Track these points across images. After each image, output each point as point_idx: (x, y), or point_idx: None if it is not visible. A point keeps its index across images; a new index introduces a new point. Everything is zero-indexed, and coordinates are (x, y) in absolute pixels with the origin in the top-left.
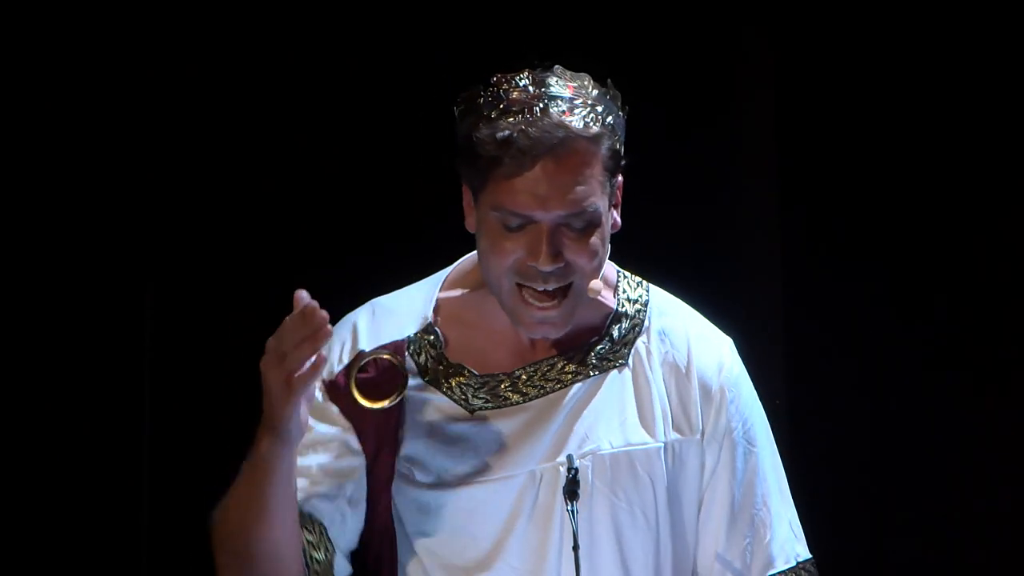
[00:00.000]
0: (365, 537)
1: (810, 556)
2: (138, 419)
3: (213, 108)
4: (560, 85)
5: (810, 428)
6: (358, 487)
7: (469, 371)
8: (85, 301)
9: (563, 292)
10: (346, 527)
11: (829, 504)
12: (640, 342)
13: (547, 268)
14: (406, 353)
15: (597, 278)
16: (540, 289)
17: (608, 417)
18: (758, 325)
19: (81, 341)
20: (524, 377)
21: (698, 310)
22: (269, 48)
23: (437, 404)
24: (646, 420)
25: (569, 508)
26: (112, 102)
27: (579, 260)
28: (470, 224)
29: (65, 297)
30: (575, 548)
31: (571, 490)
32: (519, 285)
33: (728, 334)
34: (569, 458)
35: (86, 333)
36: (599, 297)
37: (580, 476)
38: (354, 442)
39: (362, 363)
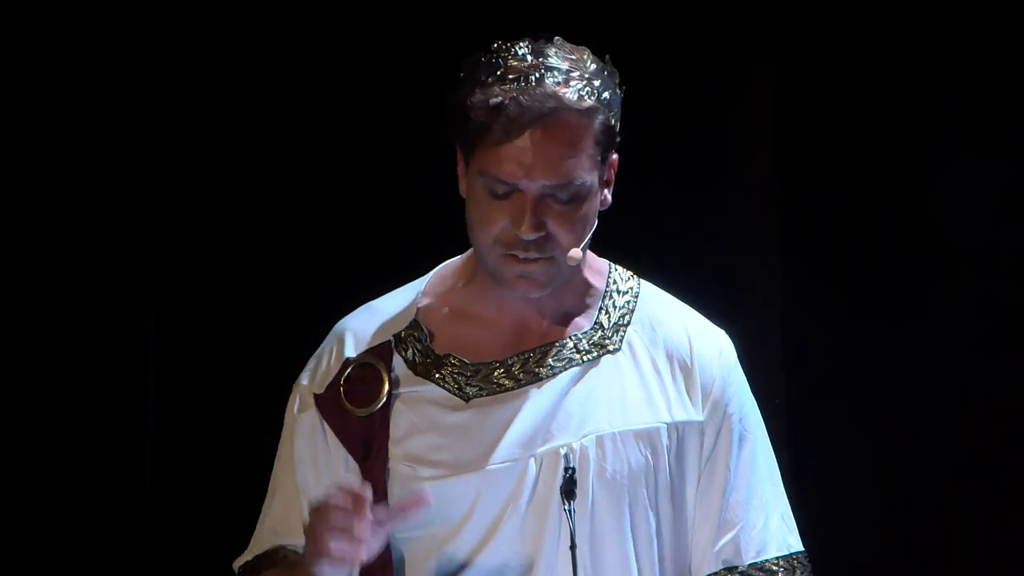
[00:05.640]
0: None
1: (803, 549)
2: (141, 426)
3: (215, 115)
4: (558, 57)
5: (809, 427)
6: None
7: (459, 359)
8: (88, 308)
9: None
10: None
11: (827, 503)
12: (632, 330)
13: (528, 236)
14: (393, 351)
15: (577, 249)
16: (522, 258)
17: (608, 400)
18: (756, 323)
19: (84, 349)
20: (517, 364)
21: (696, 306)
22: (271, 57)
23: (431, 396)
24: (646, 401)
25: (566, 508)
26: (114, 109)
27: (561, 233)
28: (462, 189)
29: (69, 305)
30: (572, 548)
31: (568, 489)
32: (503, 255)
33: (727, 332)
34: (566, 457)
35: (89, 341)
36: (589, 287)
37: (581, 456)
38: (343, 452)
39: (348, 370)
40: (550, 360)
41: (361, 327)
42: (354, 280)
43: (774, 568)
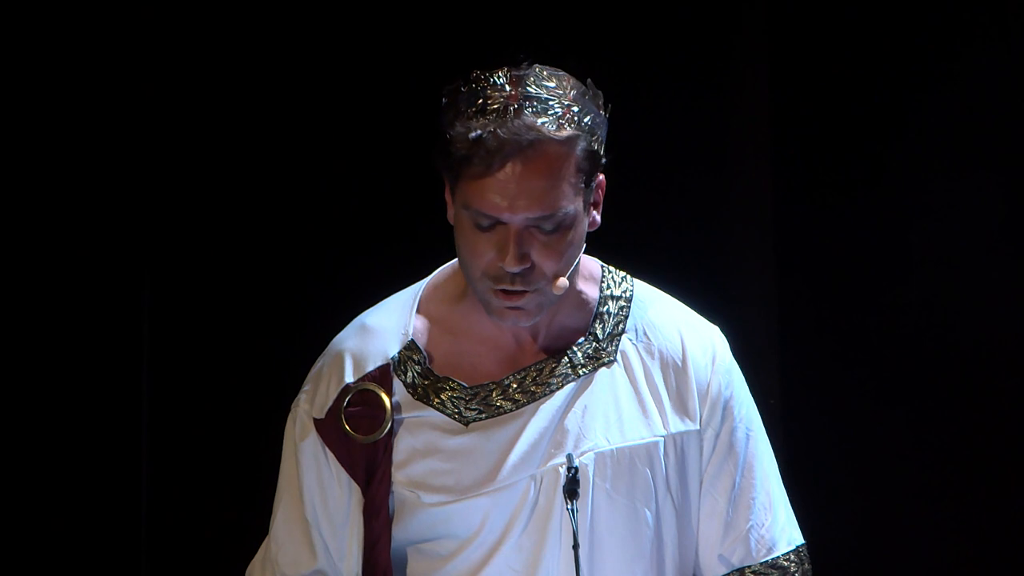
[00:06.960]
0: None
1: (804, 541)
2: (136, 419)
3: (209, 105)
4: (537, 85)
5: (805, 426)
6: (356, 522)
7: (458, 384)
8: (82, 299)
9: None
10: (352, 563)
11: (824, 501)
12: (626, 338)
13: (513, 269)
14: (392, 375)
15: (564, 276)
16: (510, 291)
17: (605, 415)
18: (754, 324)
19: (78, 340)
20: (514, 384)
21: (693, 306)
22: (267, 47)
23: (432, 421)
24: (642, 415)
25: (569, 507)
26: (109, 100)
27: (546, 264)
28: (450, 216)
29: (62, 295)
30: (575, 547)
31: (571, 489)
32: (492, 289)
33: (722, 331)
34: (569, 457)
35: (83, 332)
36: (582, 297)
37: (580, 475)
38: (345, 476)
39: (348, 397)
40: (546, 378)
41: (358, 348)
42: (353, 279)
43: (785, 564)
